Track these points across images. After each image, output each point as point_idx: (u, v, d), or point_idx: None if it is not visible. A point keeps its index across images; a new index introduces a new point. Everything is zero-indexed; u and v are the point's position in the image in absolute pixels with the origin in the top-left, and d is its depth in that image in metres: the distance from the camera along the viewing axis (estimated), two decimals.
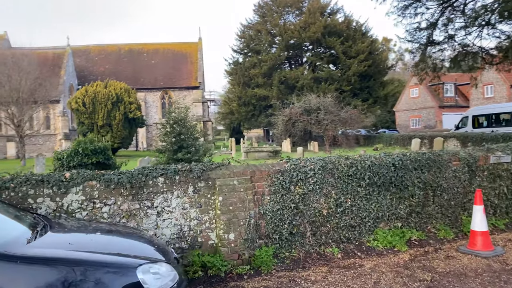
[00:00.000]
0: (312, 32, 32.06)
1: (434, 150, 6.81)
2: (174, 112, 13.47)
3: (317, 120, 22.97)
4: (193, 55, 46.37)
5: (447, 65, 17.44)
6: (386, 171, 6.14)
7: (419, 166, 6.42)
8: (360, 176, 6.01)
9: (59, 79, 38.48)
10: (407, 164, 6.32)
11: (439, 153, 6.70)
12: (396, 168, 6.23)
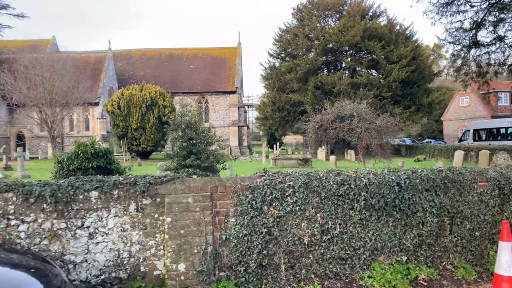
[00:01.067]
0: (351, 36, 30.55)
1: (455, 167, 5.52)
2: (186, 115, 12.72)
3: (350, 127, 21.50)
4: (232, 60, 46.07)
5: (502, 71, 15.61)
6: (387, 192, 4.96)
7: (432, 187, 5.17)
8: (354, 196, 4.87)
9: (99, 82, 39.33)
10: (416, 184, 5.10)
11: (460, 171, 5.41)
12: (402, 188, 5.02)
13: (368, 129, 21.21)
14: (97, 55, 41.75)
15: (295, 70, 32.82)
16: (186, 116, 12.67)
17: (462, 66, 14.79)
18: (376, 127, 21.20)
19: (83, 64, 40.99)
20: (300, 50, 33.82)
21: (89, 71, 40.27)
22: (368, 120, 21.64)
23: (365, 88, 30.69)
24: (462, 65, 14.67)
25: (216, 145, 12.89)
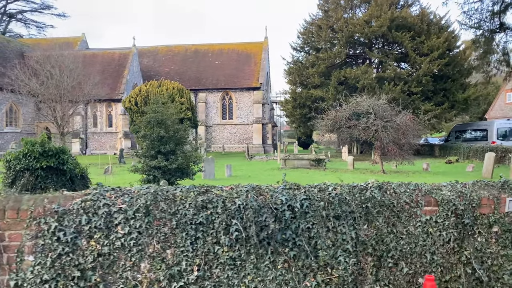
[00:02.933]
0: (377, 26, 28.24)
1: (388, 184, 3.87)
2: (157, 111, 11.52)
3: (366, 125, 19.54)
4: (258, 56, 44.71)
5: None
6: (272, 219, 3.44)
7: (346, 213, 3.58)
8: (221, 225, 3.39)
9: (122, 79, 39.23)
10: (318, 208, 3.53)
11: (396, 190, 3.77)
12: (297, 214, 3.49)
13: (385, 128, 19.17)
14: (122, 51, 41.73)
15: (318, 64, 30.93)
16: (158, 112, 11.46)
17: (486, 55, 12.60)
18: (394, 125, 19.11)
19: (108, 61, 41.14)
20: (323, 42, 31.86)
21: (113, 67, 40.32)
22: (386, 117, 19.57)
23: (391, 83, 28.33)
24: (485, 53, 12.48)
25: (189, 145, 11.55)
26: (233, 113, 42.83)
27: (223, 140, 42.65)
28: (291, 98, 33.45)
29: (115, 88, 38.86)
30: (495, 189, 3.96)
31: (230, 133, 42.83)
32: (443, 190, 3.87)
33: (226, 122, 42.91)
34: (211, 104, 42.73)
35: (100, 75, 39.53)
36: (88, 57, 41.48)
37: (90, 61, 40.97)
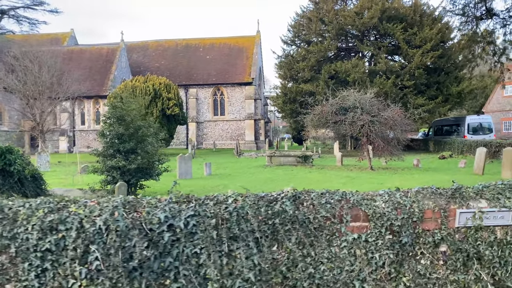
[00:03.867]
0: (368, 18, 27.33)
1: (290, 192, 3.08)
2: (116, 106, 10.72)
3: (352, 120, 18.73)
4: (250, 50, 43.83)
5: None
6: (145, 244, 2.67)
7: (244, 232, 2.82)
8: (75, 253, 2.62)
9: (109, 75, 38.40)
10: (209, 227, 2.76)
11: (314, 201, 2.99)
12: (179, 236, 2.73)
13: (372, 122, 18.36)
14: (110, 47, 40.88)
15: (308, 57, 30.08)
16: (117, 108, 10.67)
17: (471, 44, 11.74)
18: (382, 120, 18.29)
19: (95, 56, 40.30)
20: (314, 35, 30.98)
21: (100, 63, 39.49)
22: (373, 112, 18.75)
23: (383, 76, 27.49)
24: (470, 41, 11.62)
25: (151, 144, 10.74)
26: (224, 109, 42.02)
27: (215, 136, 41.87)
28: (282, 93, 32.63)
29: (102, 84, 38.04)
30: (443, 198, 3.17)
31: (222, 130, 42.04)
32: (376, 200, 3.08)
33: (217, 118, 42.11)
34: (202, 100, 41.91)
35: (88, 71, 38.81)
36: (76, 53, 40.72)
37: (77, 57, 40.21)
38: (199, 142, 41.87)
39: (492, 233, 3.17)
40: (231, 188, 11.46)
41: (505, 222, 3.19)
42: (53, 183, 15.05)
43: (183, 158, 15.49)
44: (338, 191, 3.14)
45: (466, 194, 3.22)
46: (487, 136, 27.61)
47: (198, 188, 12.63)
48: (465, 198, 3.19)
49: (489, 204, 3.19)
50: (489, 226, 3.17)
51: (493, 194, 3.24)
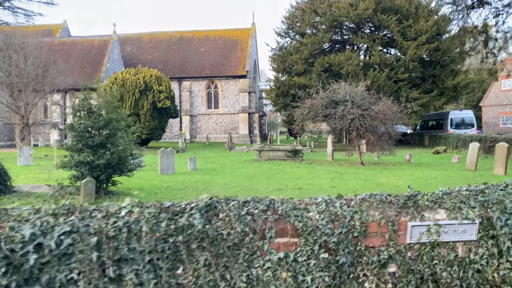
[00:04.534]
0: (362, 9, 26.61)
1: (223, 202, 2.54)
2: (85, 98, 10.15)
3: (342, 114, 18.16)
4: (245, 42, 43.12)
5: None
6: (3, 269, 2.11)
7: (133, 253, 2.27)
8: None
9: (101, 67, 37.73)
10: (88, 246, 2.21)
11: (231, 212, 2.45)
12: (49, 259, 2.17)
13: (362, 116, 17.79)
14: (102, 38, 40.14)
15: (301, 50, 29.41)
16: (86, 100, 10.09)
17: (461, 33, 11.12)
18: (372, 114, 17.71)
19: (87, 48, 39.60)
20: (308, 27, 30.28)
21: (92, 55, 38.81)
22: (364, 105, 18.17)
23: (377, 69, 26.86)
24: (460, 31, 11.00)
25: (122, 137, 10.18)
26: (218, 102, 41.40)
27: (209, 130, 41.30)
28: (275, 86, 31.97)
29: (94, 76, 37.33)
30: (393, 208, 2.62)
31: (216, 123, 41.47)
32: (310, 211, 2.54)
33: (211, 111, 41.51)
34: (196, 93, 41.27)
35: (79, 63, 38.15)
36: (67, 45, 40.03)
37: (69, 49, 39.53)
38: (193, 135, 41.32)
39: (452, 251, 2.63)
40: (212, 184, 10.91)
41: (467, 237, 2.65)
42: (28, 178, 14.53)
43: (165, 152, 14.93)
44: (265, 199, 2.59)
45: (422, 203, 2.67)
46: (468, 130, 28.80)
47: (176, 184, 12.11)
48: (419, 208, 2.64)
49: (448, 216, 2.64)
50: (448, 242, 2.63)
51: (454, 203, 2.69)
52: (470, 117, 30.16)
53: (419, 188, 9.23)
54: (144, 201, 7.27)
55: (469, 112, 30.89)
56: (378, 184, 11.88)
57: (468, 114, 30.56)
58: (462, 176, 13.45)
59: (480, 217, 2.65)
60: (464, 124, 30.01)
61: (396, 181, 12.60)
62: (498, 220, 2.63)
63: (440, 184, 11.67)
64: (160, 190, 11.00)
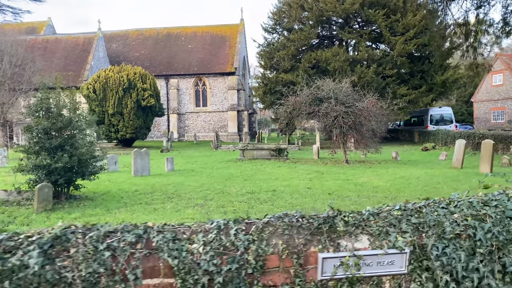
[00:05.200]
0: (349, 4, 26.05)
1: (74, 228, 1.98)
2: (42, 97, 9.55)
3: (325, 111, 17.65)
4: (233, 39, 42.45)
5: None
6: None
7: None
8: None
9: (86, 65, 36.98)
10: None
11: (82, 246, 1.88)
12: None
13: (346, 113, 17.29)
14: (87, 35, 39.34)
15: (288, 46, 28.85)
16: (43, 99, 9.49)
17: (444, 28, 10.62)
18: (356, 111, 17.21)
19: (71, 46, 38.81)
20: (294, 22, 29.71)
21: (76, 53, 38.02)
22: (347, 102, 17.66)
23: (365, 65, 26.36)
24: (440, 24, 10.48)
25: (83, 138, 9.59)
26: (207, 100, 40.77)
27: (197, 128, 40.69)
28: (262, 83, 31.41)
29: (78, 74, 36.64)
30: (302, 235, 2.09)
31: (204, 121, 40.85)
32: (195, 241, 2.00)
33: (200, 109, 40.88)
34: (184, 91, 40.61)
35: (63, 61, 37.38)
36: (51, 43, 39.23)
37: (52, 46, 38.74)
38: (181, 134, 40.69)
39: (377, 287, 2.10)
40: (183, 186, 10.32)
41: (396, 270, 2.12)
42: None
43: (139, 153, 14.34)
44: (139, 227, 2.05)
45: (340, 227, 2.14)
46: (447, 126, 29.55)
47: (145, 187, 11.54)
48: (335, 235, 2.11)
49: (372, 243, 2.12)
50: (372, 276, 2.10)
51: (381, 227, 2.17)
52: (449, 114, 31.16)
53: (397, 189, 8.75)
54: (100, 207, 6.60)
55: (448, 109, 31.89)
56: (357, 184, 11.38)
57: (447, 111, 31.54)
58: (446, 175, 12.98)
59: (411, 244, 2.13)
60: (443, 120, 30.87)
61: (376, 181, 12.10)
62: (433, 248, 2.11)
63: (421, 184, 11.19)
64: (127, 195, 10.44)
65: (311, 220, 2.17)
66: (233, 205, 8.74)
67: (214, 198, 9.60)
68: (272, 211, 8.09)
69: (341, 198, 9.33)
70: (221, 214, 7.85)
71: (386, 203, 8.02)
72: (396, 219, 2.22)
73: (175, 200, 9.50)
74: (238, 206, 8.61)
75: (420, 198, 9.03)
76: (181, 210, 8.34)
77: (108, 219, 7.71)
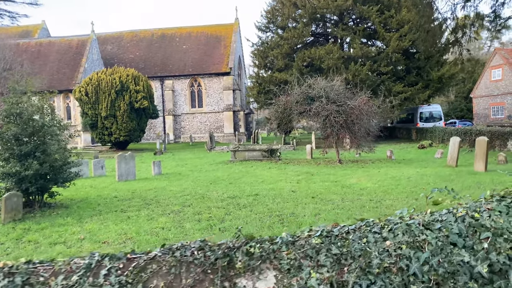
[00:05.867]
0: (342, 1, 25.64)
1: None
2: (12, 102, 9.17)
3: (316, 110, 17.25)
4: (228, 38, 42.05)
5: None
6: None
7: None
8: None
9: (79, 68, 36.65)
10: None
11: None
12: None
13: (338, 112, 16.87)
14: (80, 38, 39.02)
15: (282, 44, 28.45)
16: (13, 104, 9.12)
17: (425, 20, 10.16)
18: (347, 110, 16.79)
19: (65, 49, 38.50)
20: (288, 20, 29.30)
21: (70, 56, 37.71)
22: (339, 101, 17.24)
23: (359, 62, 25.91)
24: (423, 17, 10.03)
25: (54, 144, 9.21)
26: (202, 100, 40.40)
27: (193, 129, 40.32)
28: (256, 82, 31.01)
29: (72, 77, 36.33)
30: (193, 274, 1.69)
31: (200, 122, 40.48)
32: (52, 285, 1.60)
33: (195, 110, 40.51)
34: (179, 92, 40.25)
35: (57, 64, 37.09)
36: (44, 46, 38.94)
37: (46, 50, 38.43)
38: (177, 135, 40.34)
39: None
40: (164, 192, 9.93)
41: None
42: None
43: (123, 157, 13.95)
44: None
45: (241, 262, 1.74)
46: (437, 123, 30.19)
47: (126, 193, 11.15)
48: (232, 272, 1.71)
49: (279, 282, 1.72)
50: None
51: (293, 260, 1.77)
52: (438, 111, 31.64)
53: (384, 191, 8.31)
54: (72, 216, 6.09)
55: (437, 107, 32.34)
56: (344, 186, 10.97)
57: (436, 108, 31.98)
58: (438, 175, 12.54)
59: (328, 282, 1.73)
60: (433, 117, 31.32)
61: (365, 182, 11.68)
62: (355, 287, 1.71)
63: (411, 185, 10.76)
64: (104, 201, 10.05)
65: (208, 253, 1.78)
66: (210, 211, 8.35)
67: (192, 204, 9.22)
68: (249, 218, 7.70)
69: (324, 202, 8.93)
70: (195, 222, 7.48)
71: (370, 206, 7.62)
72: (314, 249, 1.83)
73: (152, 207, 9.12)
74: (215, 212, 8.22)
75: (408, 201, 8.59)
76: (154, 218, 7.95)
77: (75, 230, 7.35)
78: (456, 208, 2.11)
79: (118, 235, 6.81)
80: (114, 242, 6.41)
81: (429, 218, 2.01)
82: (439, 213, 2.08)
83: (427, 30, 10.43)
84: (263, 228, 6.92)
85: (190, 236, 6.57)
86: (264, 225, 7.08)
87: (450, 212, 2.04)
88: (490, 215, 1.99)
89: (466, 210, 2.05)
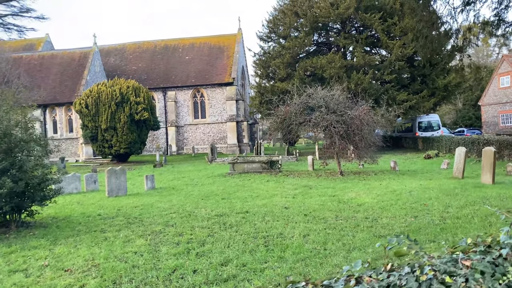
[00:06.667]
0: (344, 9, 25.13)
1: None
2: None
3: (315, 121, 16.67)
4: (231, 49, 41.78)
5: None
6: None
7: None
8: None
9: (81, 80, 36.53)
10: None
11: None
12: None
13: (338, 122, 16.27)
14: (83, 50, 38.98)
15: (283, 54, 27.99)
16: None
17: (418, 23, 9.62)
18: (348, 120, 16.18)
19: (67, 61, 38.46)
20: (289, 30, 28.87)
21: (72, 68, 37.65)
22: (339, 110, 16.65)
23: (362, 70, 25.31)
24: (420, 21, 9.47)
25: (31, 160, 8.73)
26: (205, 111, 39.99)
27: (196, 140, 39.89)
28: (258, 92, 30.54)
29: (74, 90, 36.20)
30: None
31: (203, 133, 40.04)
32: None
33: (198, 121, 40.10)
34: (182, 103, 39.91)
35: (59, 77, 37.03)
36: (47, 59, 38.97)
37: (48, 62, 38.44)
38: (180, 147, 39.93)
39: None
40: (151, 209, 9.37)
41: None
42: None
43: (113, 172, 13.45)
44: None
45: None
46: (435, 132, 30.87)
47: (111, 210, 10.60)
48: None
49: None
50: None
51: None
52: (436, 120, 32.26)
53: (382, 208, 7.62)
54: (47, 237, 5.38)
55: (435, 116, 32.73)
56: (341, 202, 10.32)
57: (434, 117, 32.43)
58: (442, 188, 11.82)
59: None
60: (431, 127, 31.87)
61: (364, 197, 11.02)
62: None
63: (411, 200, 10.08)
64: (86, 220, 9.52)
65: None
66: (192, 232, 7.76)
67: (176, 223, 8.64)
68: (233, 240, 7.10)
69: (316, 220, 8.30)
70: (173, 245, 6.90)
71: (364, 226, 6.93)
72: None
73: (134, 227, 8.56)
74: (198, 233, 7.63)
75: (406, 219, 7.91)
76: (132, 240, 7.39)
77: (43, 254, 6.80)
78: (421, 266, 1.52)
79: (85, 261, 6.25)
80: (78, 270, 5.85)
81: (385, 282, 1.43)
82: (398, 273, 1.50)
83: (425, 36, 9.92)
84: (244, 252, 6.32)
85: (163, 262, 5.99)
86: (247, 249, 6.47)
87: (412, 272, 1.46)
88: (468, 279, 1.39)
89: (434, 271, 1.46)
